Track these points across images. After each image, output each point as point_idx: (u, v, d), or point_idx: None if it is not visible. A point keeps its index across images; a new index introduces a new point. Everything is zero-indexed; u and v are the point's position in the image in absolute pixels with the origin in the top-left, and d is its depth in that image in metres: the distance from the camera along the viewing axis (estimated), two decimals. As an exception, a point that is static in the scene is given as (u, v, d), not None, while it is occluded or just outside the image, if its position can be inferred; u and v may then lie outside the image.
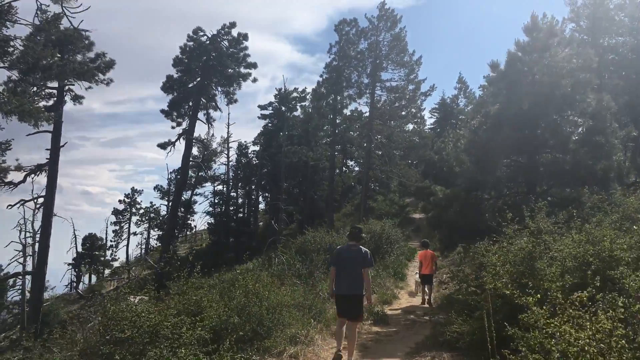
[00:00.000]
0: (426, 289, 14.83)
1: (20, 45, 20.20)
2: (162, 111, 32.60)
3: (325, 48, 46.36)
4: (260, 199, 59.20)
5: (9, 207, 26.55)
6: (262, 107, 54.09)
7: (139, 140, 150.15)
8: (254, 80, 33.57)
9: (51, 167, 26.19)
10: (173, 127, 33.11)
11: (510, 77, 13.47)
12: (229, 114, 53.80)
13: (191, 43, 32.73)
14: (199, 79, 32.84)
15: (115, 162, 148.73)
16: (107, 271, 63.48)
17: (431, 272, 14.79)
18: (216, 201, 51.31)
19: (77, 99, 26.95)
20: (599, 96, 13.03)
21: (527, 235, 8.29)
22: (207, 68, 32.51)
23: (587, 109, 13.00)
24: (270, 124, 53.74)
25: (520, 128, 12.99)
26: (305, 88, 56.21)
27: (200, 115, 33.82)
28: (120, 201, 64.90)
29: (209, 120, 33.99)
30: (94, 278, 64.44)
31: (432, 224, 14.29)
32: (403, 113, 44.24)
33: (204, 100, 33.39)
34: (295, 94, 53.99)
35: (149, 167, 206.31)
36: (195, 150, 48.48)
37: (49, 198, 26.32)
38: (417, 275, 15.90)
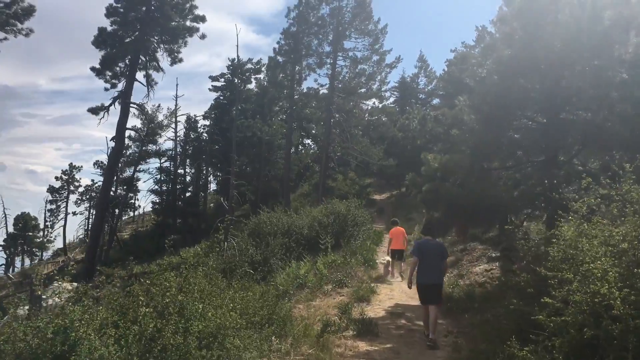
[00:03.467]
0: (396, 264, 15.00)
1: None
2: (93, 69, 27.57)
3: (280, 29, 42.71)
4: (211, 178, 55.38)
5: None
6: (213, 79, 50.08)
7: (86, 119, 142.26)
8: (202, 36, 29.35)
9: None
10: (106, 89, 28.37)
11: (530, 12, 10.41)
12: (177, 85, 50.02)
13: (128, -12, 28.20)
14: (137, 33, 28.37)
15: (62, 141, 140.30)
16: (45, 254, 58.77)
17: (402, 248, 15.00)
18: (162, 178, 47.01)
19: (-11, 52, 22.53)
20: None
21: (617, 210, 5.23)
22: (147, 20, 27.85)
23: (624, 56, 10.06)
24: (222, 97, 49.79)
25: (543, 77, 10.01)
26: (261, 59, 52.45)
27: (140, 76, 29.53)
28: (56, 178, 59.45)
29: (149, 82, 29.45)
30: (27, 261, 59.59)
31: (427, 201, 11.19)
32: (362, 90, 40.81)
33: (143, 58, 28.95)
34: (249, 65, 50.14)
35: (97, 146, 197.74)
36: (138, 123, 44.15)
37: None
38: (387, 257, 15.54)
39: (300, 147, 60.34)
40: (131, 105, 28.26)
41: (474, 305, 10.30)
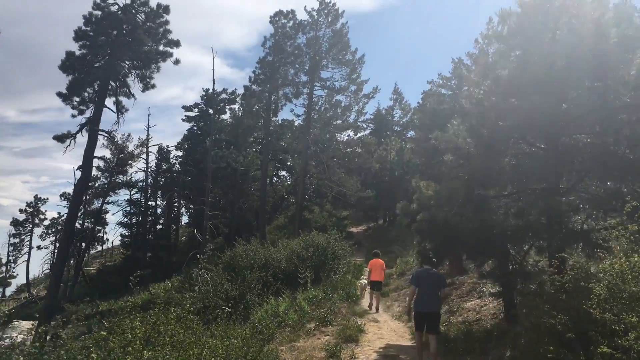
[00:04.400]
0: (375, 295, 15.17)
1: None
2: (60, 94, 26.04)
3: (254, 64, 41.81)
4: (183, 210, 53.85)
5: None
6: (186, 109, 49.05)
7: (56, 151, 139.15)
8: (176, 62, 28.16)
9: None
10: (74, 116, 26.49)
11: (528, 29, 9.83)
12: (149, 115, 48.54)
13: (98, 12, 26.33)
14: (107, 57, 27.16)
15: (30, 173, 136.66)
16: (7, 290, 56.02)
17: (380, 279, 15.29)
18: (132, 211, 45.35)
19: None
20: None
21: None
22: (117, 44, 26.47)
23: (626, 77, 9.48)
24: (195, 127, 48.72)
25: (544, 97, 9.36)
26: (235, 89, 51.89)
27: (110, 103, 27.86)
28: (21, 210, 57.20)
29: (120, 108, 28.07)
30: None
31: (422, 231, 10.30)
32: (339, 122, 40.30)
33: (113, 83, 27.65)
34: (224, 96, 49.36)
35: (66, 179, 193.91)
36: (107, 153, 42.73)
37: None
38: (364, 281, 16.37)
39: (275, 178, 59.46)
40: (100, 132, 26.94)
41: (475, 346, 9.38)
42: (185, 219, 54.85)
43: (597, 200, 9.24)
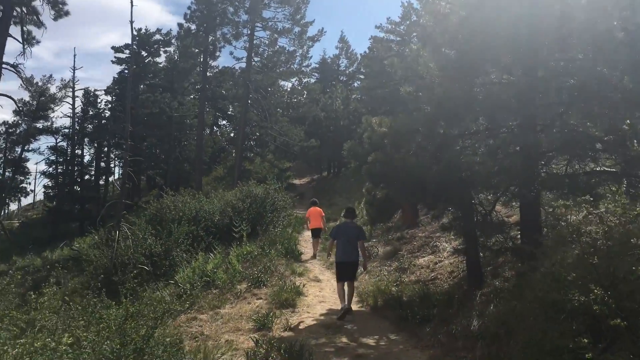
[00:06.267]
0: (313, 242, 15.29)
1: None
2: None
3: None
4: (117, 161, 50.41)
5: None
6: (116, 50, 45.17)
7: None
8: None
9: None
10: None
11: None
12: (75, 55, 44.14)
13: None
14: (10, -23, 23.55)
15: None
16: None
17: (320, 227, 15.18)
18: (56, 159, 41.69)
19: None
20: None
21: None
22: None
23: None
24: (126, 70, 44.93)
25: (526, 9, 7.61)
26: (170, 30, 48.20)
27: (17, 32, 24.54)
28: None
29: (28, 39, 24.60)
30: None
31: (374, 175, 8.52)
32: (282, 69, 37.83)
33: (18, 9, 24.24)
34: (158, 37, 45.74)
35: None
36: (26, 95, 38.76)
37: None
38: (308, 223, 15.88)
39: (215, 128, 56.74)
40: (4, 65, 23.53)
41: (433, 313, 7.85)
42: (119, 170, 51.69)
43: (582, 139, 7.69)
